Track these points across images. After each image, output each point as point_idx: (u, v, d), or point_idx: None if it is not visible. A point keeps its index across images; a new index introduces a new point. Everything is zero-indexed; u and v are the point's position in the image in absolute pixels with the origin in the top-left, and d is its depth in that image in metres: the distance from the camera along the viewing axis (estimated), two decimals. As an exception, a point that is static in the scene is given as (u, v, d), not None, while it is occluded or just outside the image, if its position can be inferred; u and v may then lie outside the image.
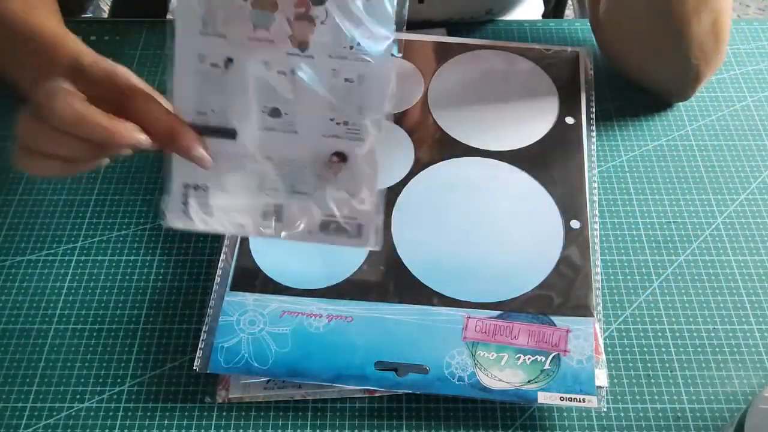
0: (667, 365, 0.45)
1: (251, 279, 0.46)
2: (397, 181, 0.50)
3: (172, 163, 0.41)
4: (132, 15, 0.82)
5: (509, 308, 0.45)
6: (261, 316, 0.44)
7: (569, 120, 0.54)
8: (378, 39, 0.38)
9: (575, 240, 0.48)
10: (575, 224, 0.48)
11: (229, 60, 0.40)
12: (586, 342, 0.43)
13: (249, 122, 0.40)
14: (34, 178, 0.54)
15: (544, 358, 0.42)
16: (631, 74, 0.58)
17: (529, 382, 0.42)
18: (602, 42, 0.58)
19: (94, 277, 0.49)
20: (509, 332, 0.44)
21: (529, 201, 0.50)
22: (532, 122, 0.54)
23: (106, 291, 0.48)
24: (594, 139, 0.54)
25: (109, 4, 0.86)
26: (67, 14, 0.59)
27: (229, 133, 0.41)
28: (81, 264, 0.50)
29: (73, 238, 0.51)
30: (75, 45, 0.47)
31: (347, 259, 0.47)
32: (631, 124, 0.58)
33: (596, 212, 0.49)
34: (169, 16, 0.43)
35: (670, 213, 0.52)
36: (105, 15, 0.91)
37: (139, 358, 0.45)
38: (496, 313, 0.44)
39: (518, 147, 0.53)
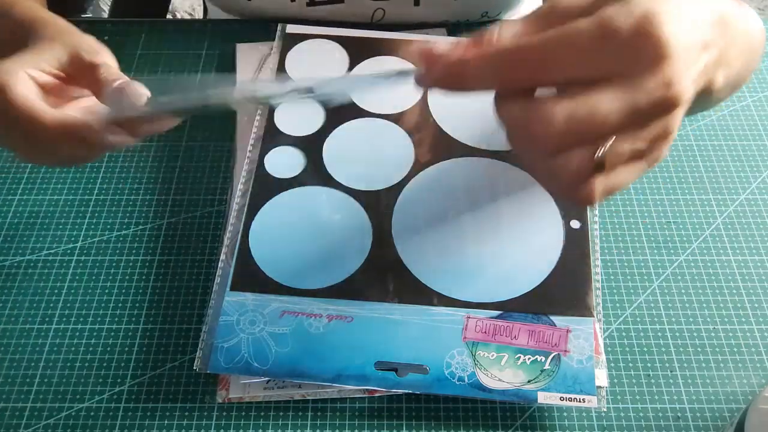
0: (667, 365, 0.45)
1: (251, 279, 0.46)
2: (397, 181, 0.50)
3: None
4: (132, 15, 0.82)
5: (509, 308, 0.45)
6: (261, 316, 0.44)
7: (569, 120, 0.54)
8: None
9: (575, 240, 0.47)
10: (575, 224, 0.48)
11: None
12: (586, 342, 0.43)
13: None
14: (34, 179, 0.54)
15: (544, 358, 0.42)
16: None
17: (529, 382, 0.42)
18: None
19: (94, 277, 0.49)
20: (509, 332, 0.44)
21: (529, 201, 0.50)
22: (532, 122, 0.54)
23: (106, 291, 0.48)
24: (594, 139, 0.54)
25: (109, 4, 0.86)
26: (67, 14, 0.60)
27: None
28: (81, 264, 0.50)
29: (73, 238, 0.51)
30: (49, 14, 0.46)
31: (347, 259, 0.47)
32: (631, 124, 0.58)
33: (596, 212, 0.49)
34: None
35: (670, 213, 0.52)
36: (105, 15, 0.91)
37: (139, 358, 0.45)
38: (496, 313, 0.44)
39: (518, 147, 0.53)
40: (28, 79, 0.40)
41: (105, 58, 0.42)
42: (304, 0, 0.63)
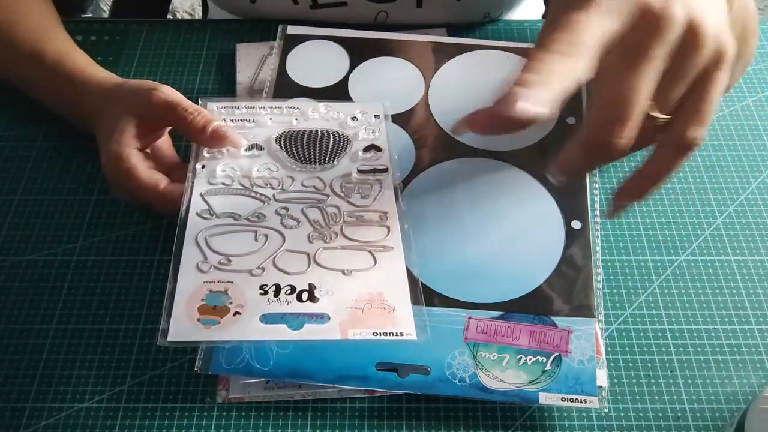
0: (667, 365, 0.45)
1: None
2: (398, 181, 0.50)
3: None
4: (132, 15, 0.82)
5: (510, 309, 0.45)
6: (261, 316, 0.44)
7: (570, 120, 0.54)
8: None
9: (576, 240, 0.48)
10: (576, 224, 0.48)
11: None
12: (587, 342, 0.43)
13: None
14: (34, 178, 0.54)
15: (545, 359, 0.42)
16: None
17: (530, 382, 0.42)
18: None
19: (94, 277, 0.49)
20: (510, 333, 0.44)
21: (530, 201, 0.50)
22: (533, 122, 0.54)
23: (106, 291, 0.48)
24: (594, 140, 0.53)
25: (109, 4, 0.86)
26: (66, 14, 0.60)
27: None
28: (81, 264, 0.50)
29: (73, 238, 0.51)
30: (98, 71, 0.54)
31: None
32: (631, 125, 0.58)
33: (597, 212, 0.49)
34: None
35: (670, 213, 0.52)
36: (105, 15, 0.91)
37: (139, 358, 0.45)
38: (498, 313, 0.44)
39: (519, 147, 0.53)
40: (141, 157, 0.48)
41: (173, 97, 0.48)
42: (307, 2, 0.63)
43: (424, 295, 0.45)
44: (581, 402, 0.41)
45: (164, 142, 0.52)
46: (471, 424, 0.43)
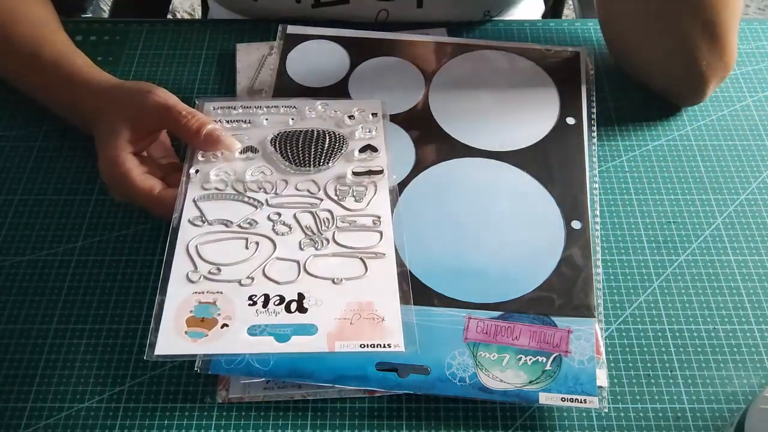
0: (667, 365, 0.45)
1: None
2: (398, 181, 0.50)
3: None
4: (132, 15, 0.82)
5: (510, 309, 0.45)
6: (261, 316, 0.44)
7: (570, 120, 0.54)
8: None
9: (576, 240, 0.48)
10: (576, 225, 0.48)
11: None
12: (587, 343, 0.43)
13: None
14: (34, 179, 0.54)
15: (545, 359, 0.43)
16: (640, 76, 0.58)
17: (530, 382, 0.42)
18: (609, 42, 0.59)
19: (94, 277, 0.49)
20: (510, 333, 0.44)
21: (530, 201, 0.50)
22: (533, 123, 0.54)
23: (106, 291, 0.48)
24: (595, 140, 0.54)
25: (109, 4, 0.86)
26: (66, 14, 0.60)
27: None
28: (81, 264, 0.50)
29: (73, 238, 0.51)
30: (96, 72, 0.54)
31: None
32: (631, 124, 0.58)
33: (597, 212, 0.49)
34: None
35: (670, 213, 0.52)
36: (105, 15, 0.91)
37: (139, 358, 0.45)
38: (497, 313, 0.44)
39: (519, 147, 0.53)
40: (136, 162, 0.48)
41: (167, 101, 0.49)
42: (309, 1, 0.63)
43: (424, 295, 0.45)
44: (581, 402, 0.41)
45: (162, 143, 0.52)
46: (471, 424, 0.43)
